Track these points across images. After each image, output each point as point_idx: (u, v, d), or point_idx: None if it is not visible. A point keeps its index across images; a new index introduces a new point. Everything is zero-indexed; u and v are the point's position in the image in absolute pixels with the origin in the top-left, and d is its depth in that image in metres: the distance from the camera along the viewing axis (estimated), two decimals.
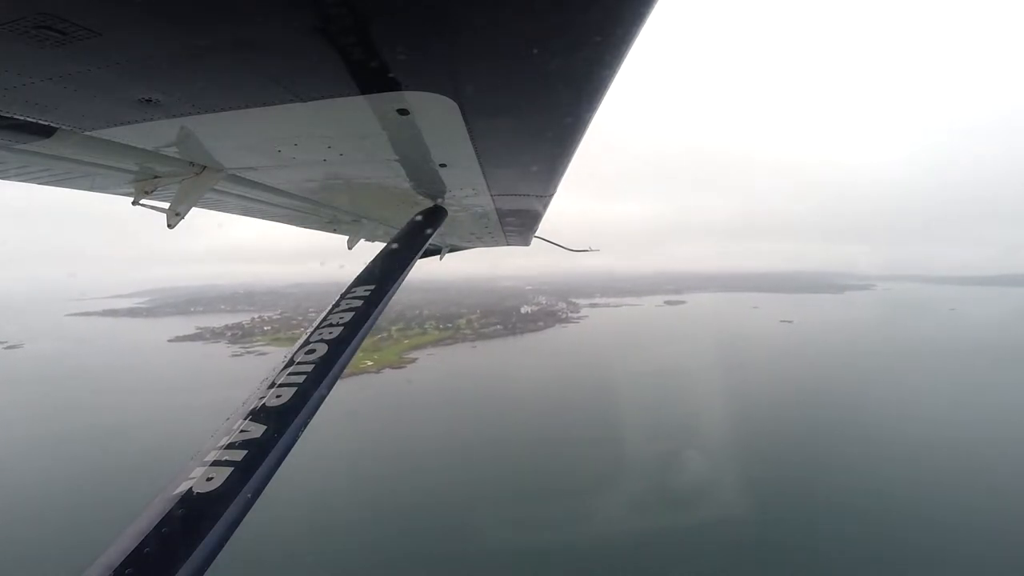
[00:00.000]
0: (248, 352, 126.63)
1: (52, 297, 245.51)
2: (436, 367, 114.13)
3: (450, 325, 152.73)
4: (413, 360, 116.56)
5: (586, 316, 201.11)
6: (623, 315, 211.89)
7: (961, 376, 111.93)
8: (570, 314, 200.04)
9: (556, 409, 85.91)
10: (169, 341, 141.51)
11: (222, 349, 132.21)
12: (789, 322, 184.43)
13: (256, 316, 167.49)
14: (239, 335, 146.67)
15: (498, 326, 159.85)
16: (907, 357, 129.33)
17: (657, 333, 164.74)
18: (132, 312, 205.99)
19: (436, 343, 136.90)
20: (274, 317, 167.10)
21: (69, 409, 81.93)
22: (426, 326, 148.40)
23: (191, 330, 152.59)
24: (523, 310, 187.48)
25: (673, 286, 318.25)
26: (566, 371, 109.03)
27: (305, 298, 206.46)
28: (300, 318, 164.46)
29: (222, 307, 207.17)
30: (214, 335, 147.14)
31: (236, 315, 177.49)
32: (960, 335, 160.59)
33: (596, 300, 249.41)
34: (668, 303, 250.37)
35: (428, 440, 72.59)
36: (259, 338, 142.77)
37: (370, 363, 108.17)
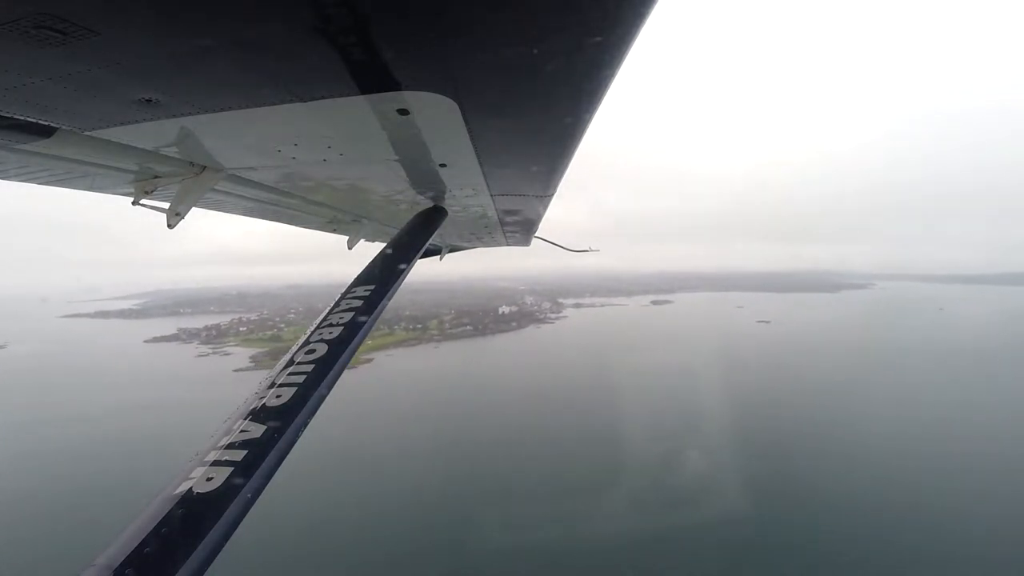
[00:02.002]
0: (215, 352, 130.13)
1: (52, 299, 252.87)
2: (387, 368, 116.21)
3: (420, 326, 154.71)
4: (370, 360, 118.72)
5: (565, 317, 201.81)
6: (603, 315, 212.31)
7: (928, 375, 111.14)
8: (549, 315, 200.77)
9: (487, 409, 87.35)
10: (145, 342, 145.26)
11: (192, 349, 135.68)
12: (767, 322, 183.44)
13: (235, 318, 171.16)
14: (214, 336, 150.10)
15: (468, 327, 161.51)
16: (877, 357, 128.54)
17: (628, 333, 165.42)
18: (123, 314, 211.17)
19: (400, 344, 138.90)
20: (252, 319, 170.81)
21: (19, 405, 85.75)
22: (396, 327, 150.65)
23: (172, 331, 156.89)
24: (501, 310, 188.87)
25: (667, 286, 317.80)
26: (513, 371, 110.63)
27: (294, 300, 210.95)
28: (277, 319, 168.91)
29: (211, 308, 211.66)
30: (190, 336, 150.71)
31: (222, 316, 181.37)
32: (939, 335, 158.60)
33: (583, 300, 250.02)
34: (655, 303, 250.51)
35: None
36: (232, 339, 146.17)
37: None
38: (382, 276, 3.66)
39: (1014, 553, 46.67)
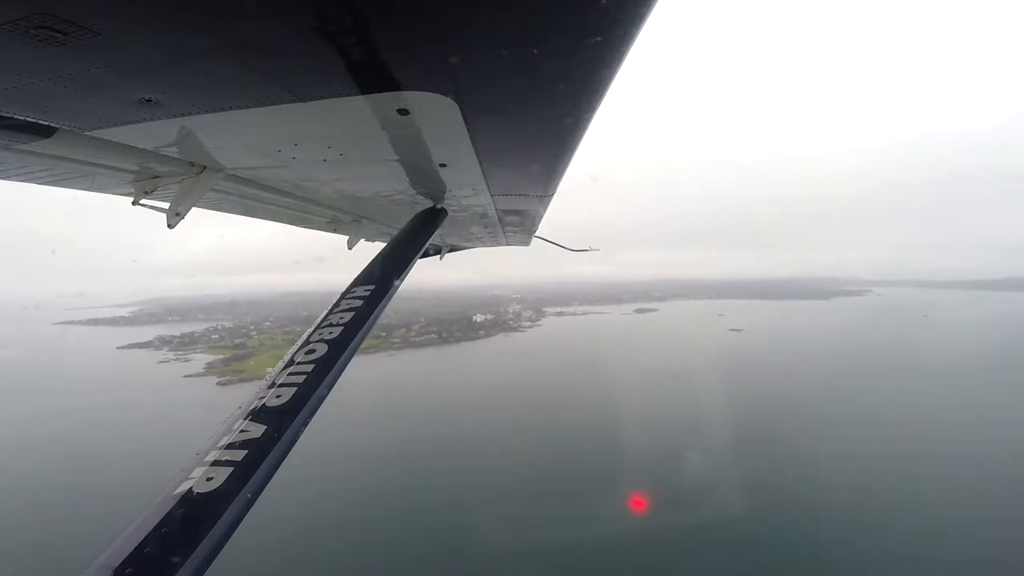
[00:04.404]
0: (177, 359, 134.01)
1: (54, 306, 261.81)
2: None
3: (383, 334, 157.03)
4: None
5: (540, 325, 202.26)
6: (579, 324, 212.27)
7: (882, 381, 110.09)
8: (523, 323, 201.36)
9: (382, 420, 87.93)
10: (118, 348, 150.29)
11: (158, 356, 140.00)
12: (739, 331, 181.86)
13: (210, 325, 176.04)
14: (185, 343, 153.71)
15: (434, 335, 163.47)
16: (834, 364, 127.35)
17: (592, 342, 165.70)
18: (114, 321, 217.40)
19: (358, 352, 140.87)
20: (227, 326, 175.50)
21: None
22: None
23: (149, 338, 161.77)
24: (475, 318, 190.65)
25: (660, 293, 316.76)
26: (443, 379, 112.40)
27: (280, 307, 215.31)
28: (252, 327, 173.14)
29: (199, 316, 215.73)
30: (163, 343, 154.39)
31: (205, 323, 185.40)
32: (911, 341, 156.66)
33: (567, 308, 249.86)
34: (638, 311, 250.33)
35: None
36: (201, 346, 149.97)
37: (270, 369, 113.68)
38: (382, 276, 3.71)
39: (984, 555, 47.10)
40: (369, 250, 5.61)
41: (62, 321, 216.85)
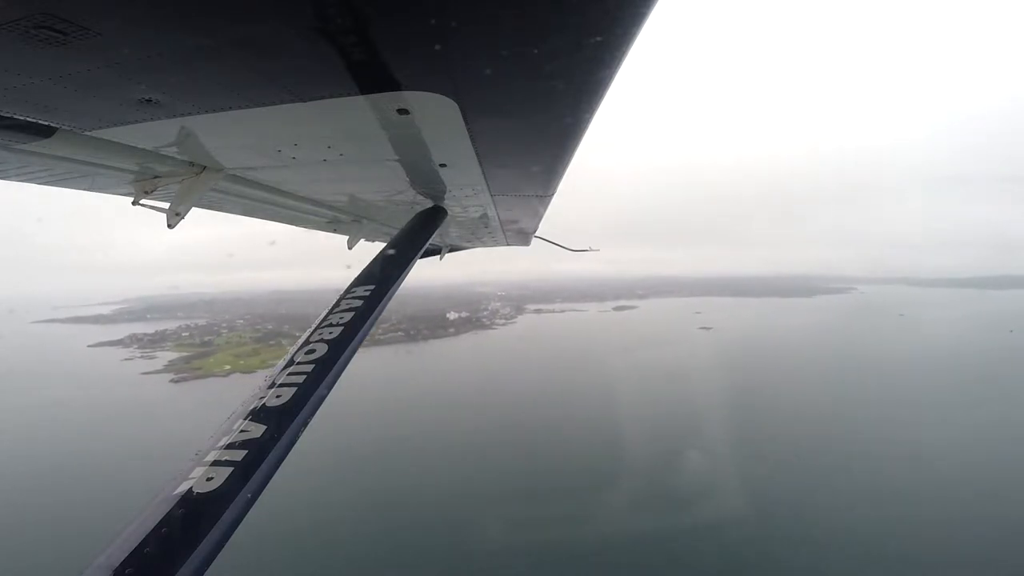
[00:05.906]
0: (143, 357, 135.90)
1: (38, 304, 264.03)
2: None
3: None
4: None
5: (514, 323, 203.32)
6: (554, 321, 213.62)
7: (830, 379, 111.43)
8: (496, 321, 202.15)
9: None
10: (89, 346, 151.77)
11: (125, 353, 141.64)
12: (708, 329, 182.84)
13: (182, 323, 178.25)
14: (156, 340, 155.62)
15: (400, 332, 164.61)
16: (790, 362, 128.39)
17: (558, 339, 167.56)
18: (96, 319, 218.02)
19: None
20: (200, 324, 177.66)
21: None
22: None
23: (122, 335, 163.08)
24: (448, 316, 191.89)
25: (645, 291, 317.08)
26: (398, 378, 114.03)
27: (260, 305, 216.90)
28: (224, 325, 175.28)
29: (178, 314, 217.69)
30: (133, 340, 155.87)
31: (183, 321, 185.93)
32: (875, 340, 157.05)
33: (547, 306, 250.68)
34: (617, 309, 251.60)
35: None
36: (169, 344, 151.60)
37: (228, 366, 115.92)
38: (382, 276, 3.75)
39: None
40: (369, 250, 5.61)
41: (44, 319, 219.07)
